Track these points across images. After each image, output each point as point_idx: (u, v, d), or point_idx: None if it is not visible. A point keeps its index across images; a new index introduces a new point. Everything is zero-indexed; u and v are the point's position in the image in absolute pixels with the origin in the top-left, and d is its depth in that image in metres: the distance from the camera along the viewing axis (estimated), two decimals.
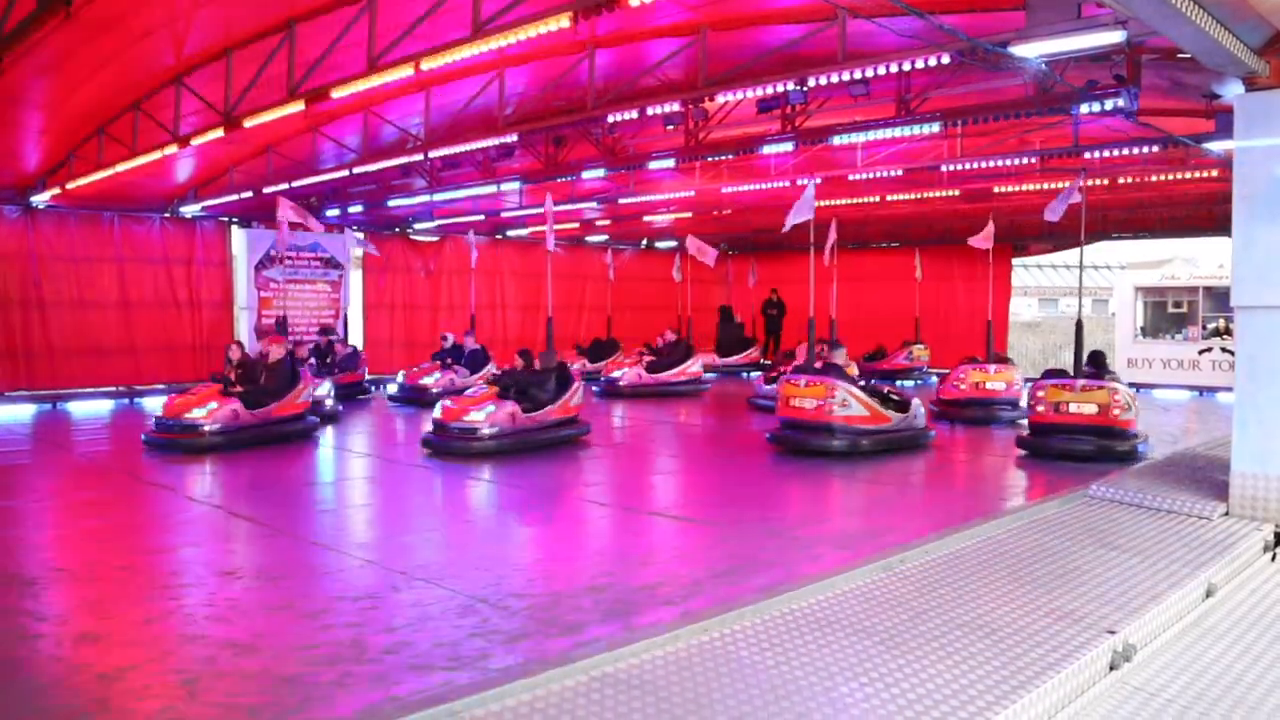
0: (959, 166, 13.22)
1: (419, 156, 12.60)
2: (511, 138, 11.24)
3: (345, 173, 13.60)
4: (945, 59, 7.81)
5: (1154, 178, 13.83)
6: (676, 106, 10.13)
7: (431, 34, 7.99)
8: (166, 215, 16.72)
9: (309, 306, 18.60)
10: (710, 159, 12.72)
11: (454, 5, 7.62)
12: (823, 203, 16.92)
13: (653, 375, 17.48)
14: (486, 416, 10.44)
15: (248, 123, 9.94)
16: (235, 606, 5.19)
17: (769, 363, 22.89)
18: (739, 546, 6.51)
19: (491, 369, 15.47)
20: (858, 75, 8.37)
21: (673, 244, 25.18)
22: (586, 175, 13.58)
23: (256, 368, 11.52)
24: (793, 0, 8.57)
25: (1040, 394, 10.65)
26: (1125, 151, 11.46)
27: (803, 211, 11.09)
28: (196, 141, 10.94)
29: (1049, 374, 11.15)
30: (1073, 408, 10.32)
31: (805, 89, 9.14)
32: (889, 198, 16.85)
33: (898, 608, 4.08)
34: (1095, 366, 10.87)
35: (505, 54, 9.50)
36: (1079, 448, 10.06)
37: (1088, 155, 11.80)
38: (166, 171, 14.49)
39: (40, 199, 14.55)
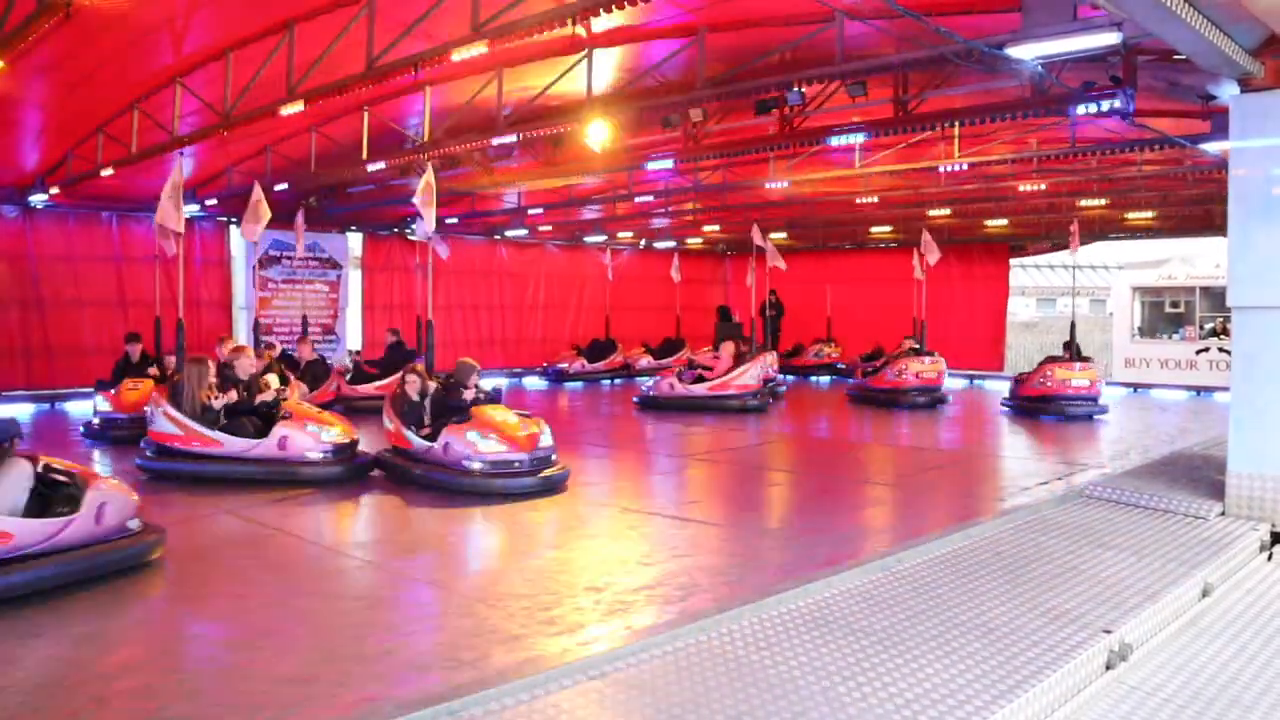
0: (956, 167, 13.22)
1: (418, 156, 12.59)
2: (511, 138, 11.24)
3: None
4: (942, 61, 7.81)
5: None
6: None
7: (430, 34, 8.00)
8: None
9: (307, 307, 18.61)
10: (708, 159, 12.73)
11: (453, 6, 7.63)
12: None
13: (353, 387, 14.58)
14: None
15: (246, 123, 9.95)
16: (235, 605, 5.20)
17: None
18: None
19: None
20: (855, 77, 8.38)
21: (671, 244, 25.20)
22: (585, 176, 13.61)
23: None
24: (791, 2, 8.59)
25: (1048, 373, 14.62)
26: (1122, 152, 11.48)
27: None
28: (195, 142, 10.95)
29: (1050, 360, 15.07)
30: (1074, 382, 14.48)
31: (803, 90, 9.16)
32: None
33: (895, 608, 4.10)
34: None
35: (504, 54, 9.51)
36: (1074, 410, 14.29)
37: (1084, 156, 11.82)
38: (165, 171, 14.47)
39: (39, 198, 14.55)
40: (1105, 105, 8.10)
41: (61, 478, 5.71)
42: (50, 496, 5.54)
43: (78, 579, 5.39)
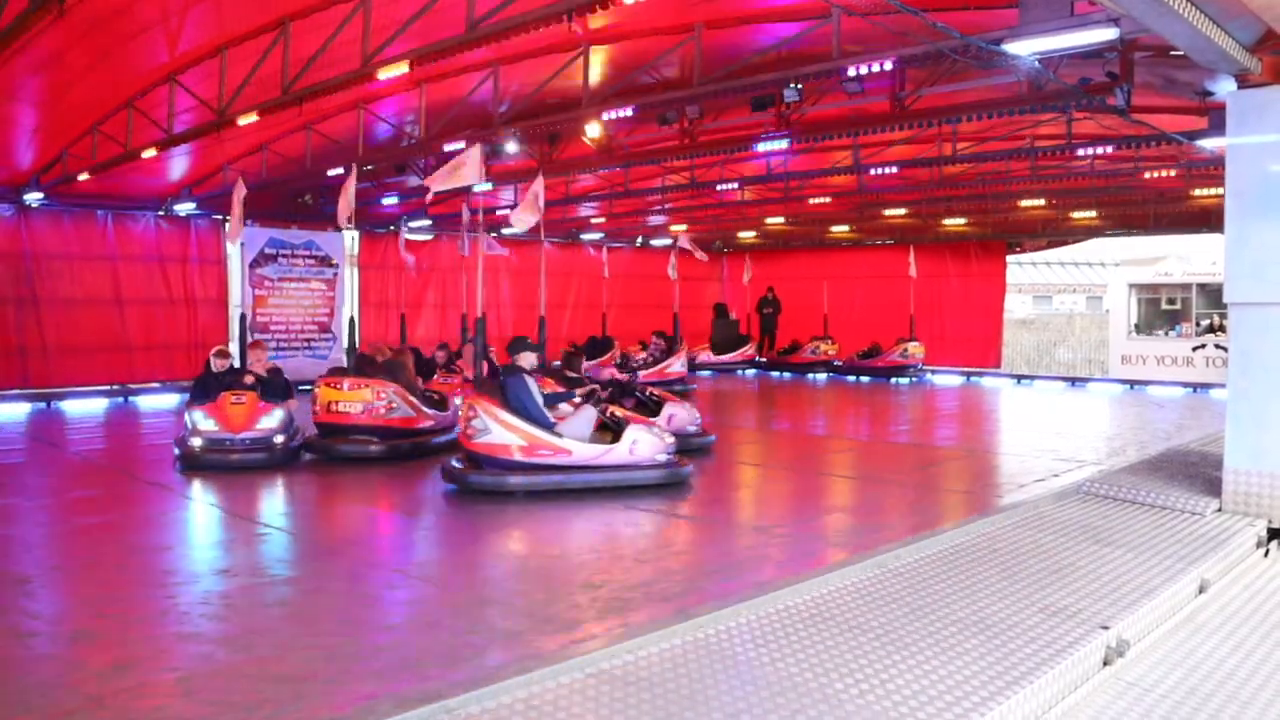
0: (952, 163, 13.23)
1: (414, 154, 12.59)
2: (508, 135, 11.23)
3: (339, 169, 13.56)
4: (939, 57, 7.81)
5: (1148, 174, 13.80)
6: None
7: (426, 32, 7.99)
8: (160, 213, 16.68)
9: (303, 305, 18.55)
10: (705, 155, 12.72)
11: (448, 3, 7.62)
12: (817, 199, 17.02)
13: None
14: None
15: (241, 120, 9.93)
16: (230, 604, 5.19)
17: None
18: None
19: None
20: (852, 73, 8.37)
21: (667, 242, 25.16)
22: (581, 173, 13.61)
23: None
24: None
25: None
26: (1119, 148, 11.49)
27: None
28: (190, 139, 10.92)
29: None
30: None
31: (800, 87, 9.15)
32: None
33: (892, 604, 4.09)
34: (666, 341, 18.27)
35: (500, 51, 9.50)
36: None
37: (1081, 152, 11.83)
38: (160, 169, 14.46)
39: (34, 197, 14.51)
40: (1102, 101, 8.12)
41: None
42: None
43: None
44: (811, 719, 2.94)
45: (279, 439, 9.30)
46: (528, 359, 8.41)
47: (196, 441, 9.06)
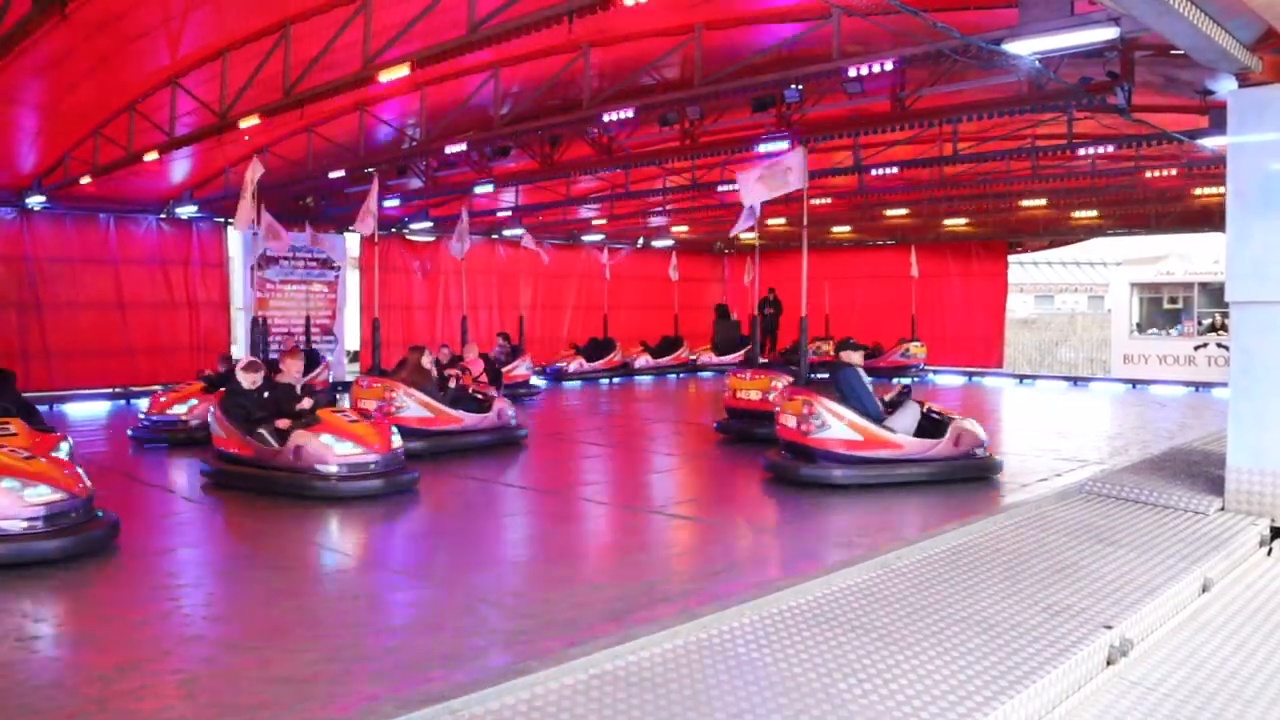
0: (953, 163, 13.22)
1: (415, 155, 12.59)
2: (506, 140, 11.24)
3: (341, 172, 13.58)
4: (939, 57, 7.80)
5: (1149, 173, 13.77)
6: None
7: (427, 34, 7.99)
8: (162, 216, 16.70)
9: (305, 307, 18.56)
10: (706, 157, 12.71)
11: (449, 5, 7.62)
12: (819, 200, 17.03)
13: None
14: None
15: (243, 123, 9.93)
16: (233, 606, 5.19)
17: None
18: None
19: None
20: (852, 73, 8.37)
21: (669, 243, 25.18)
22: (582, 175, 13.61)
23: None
24: None
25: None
26: (1119, 147, 11.48)
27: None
28: (191, 143, 10.93)
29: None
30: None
31: (800, 87, 9.15)
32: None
33: (895, 604, 4.09)
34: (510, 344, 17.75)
35: (501, 53, 9.50)
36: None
37: (1081, 152, 11.82)
38: (162, 172, 14.48)
39: (35, 200, 14.53)
40: (1102, 100, 8.11)
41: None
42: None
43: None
44: (815, 719, 2.94)
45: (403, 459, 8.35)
46: (854, 356, 8.77)
47: (331, 468, 7.79)
